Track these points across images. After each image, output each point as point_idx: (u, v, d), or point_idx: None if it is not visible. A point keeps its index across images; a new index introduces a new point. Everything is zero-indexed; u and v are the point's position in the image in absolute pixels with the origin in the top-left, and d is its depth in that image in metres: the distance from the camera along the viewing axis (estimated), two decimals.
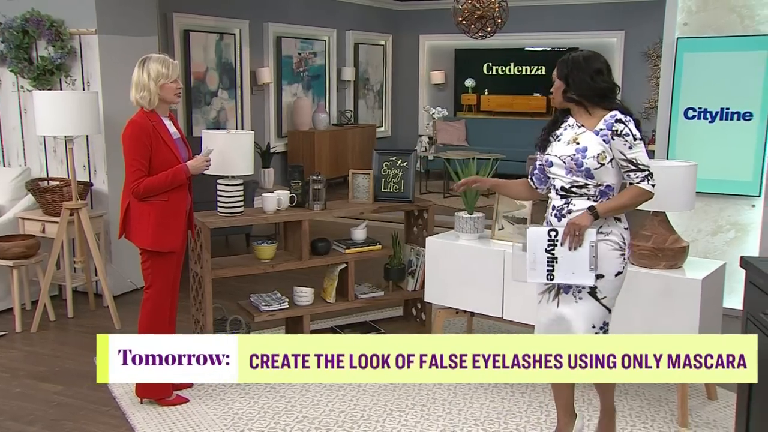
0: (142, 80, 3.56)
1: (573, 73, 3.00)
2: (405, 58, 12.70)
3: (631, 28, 10.90)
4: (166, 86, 3.59)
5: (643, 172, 2.95)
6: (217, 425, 3.61)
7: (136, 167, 3.52)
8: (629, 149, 2.94)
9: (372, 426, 3.51)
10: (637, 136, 2.97)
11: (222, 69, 8.80)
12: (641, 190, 2.96)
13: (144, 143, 3.53)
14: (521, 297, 4.02)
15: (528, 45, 11.74)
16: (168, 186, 3.59)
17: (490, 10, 9.13)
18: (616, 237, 3.03)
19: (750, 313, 2.73)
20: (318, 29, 10.59)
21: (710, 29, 5.09)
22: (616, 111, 2.99)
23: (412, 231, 4.95)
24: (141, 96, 3.57)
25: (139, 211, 3.60)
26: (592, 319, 3.03)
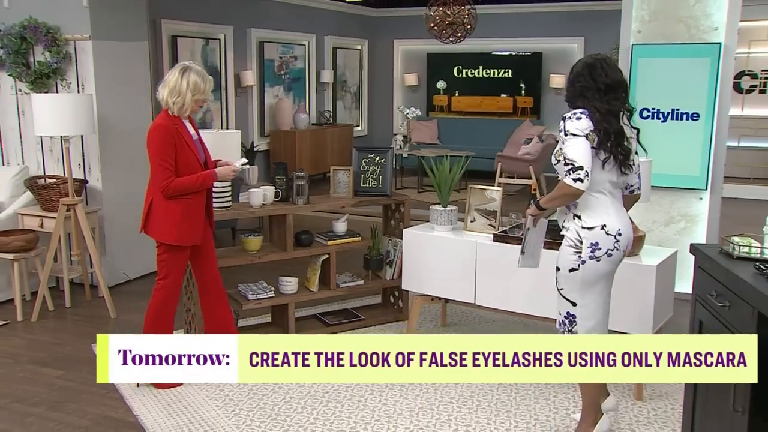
0: (179, 87, 3.57)
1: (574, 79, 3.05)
2: (380, 61, 12.74)
3: (590, 34, 11.03)
4: (199, 101, 3.67)
5: (568, 165, 2.91)
6: (210, 406, 3.65)
7: (165, 166, 3.54)
8: (562, 144, 2.98)
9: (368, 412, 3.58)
10: (569, 131, 2.92)
11: (208, 72, 8.73)
12: (563, 183, 2.93)
13: (170, 143, 3.55)
14: (492, 284, 4.11)
15: (495, 50, 11.84)
16: (197, 188, 3.63)
17: (460, 17, 9.22)
18: (572, 234, 3.04)
19: (698, 295, 2.83)
20: (298, 34, 10.59)
21: (661, 37, 5.21)
22: (572, 111, 3.00)
23: (389, 223, 5.02)
24: (174, 101, 3.58)
25: (165, 208, 3.61)
26: (558, 307, 3.16)
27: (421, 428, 3.43)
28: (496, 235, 4.15)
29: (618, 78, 3.01)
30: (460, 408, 3.63)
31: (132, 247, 5.86)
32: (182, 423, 3.48)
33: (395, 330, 4.78)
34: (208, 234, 3.87)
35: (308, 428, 3.43)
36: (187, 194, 3.62)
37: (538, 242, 3.35)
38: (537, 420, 3.52)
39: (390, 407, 3.64)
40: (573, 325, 3.12)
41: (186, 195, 3.62)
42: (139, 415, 3.56)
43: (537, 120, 11.44)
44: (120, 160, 5.71)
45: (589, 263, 3.01)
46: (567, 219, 3.09)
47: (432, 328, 4.82)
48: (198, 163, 3.69)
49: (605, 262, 3.02)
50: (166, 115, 3.62)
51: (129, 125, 5.76)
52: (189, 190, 3.61)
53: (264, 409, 3.62)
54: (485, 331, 4.74)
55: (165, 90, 3.60)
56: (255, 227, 7.54)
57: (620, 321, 3.69)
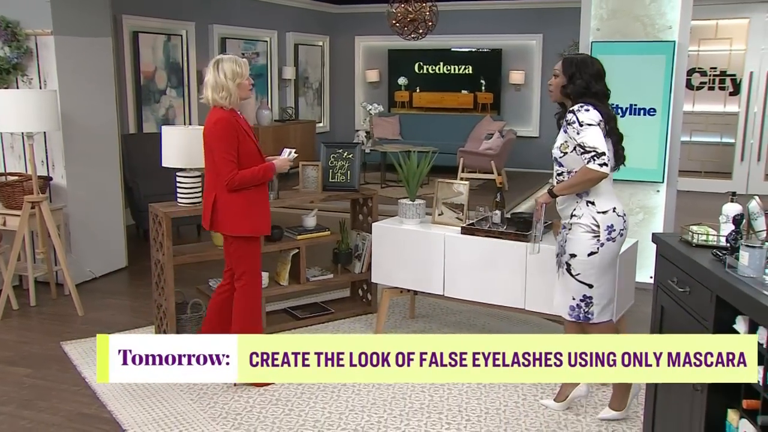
0: (220, 81, 3.55)
1: (578, 73, 3.21)
2: (341, 57, 12.76)
3: (549, 31, 11.25)
4: (242, 84, 3.61)
5: (590, 153, 3.10)
6: (185, 400, 3.66)
7: (230, 160, 3.54)
8: (578, 135, 3.15)
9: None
10: (585, 122, 3.12)
11: (170, 68, 8.69)
12: (588, 169, 3.12)
13: (233, 137, 3.56)
14: (459, 276, 4.19)
15: (456, 46, 11.96)
16: (259, 180, 3.66)
17: (422, 13, 9.30)
18: (588, 220, 3.21)
19: (660, 282, 2.96)
20: (260, 31, 10.55)
21: (619, 35, 5.36)
22: (577, 105, 3.18)
23: (357, 218, 5.07)
24: (221, 96, 3.56)
25: (232, 201, 3.62)
26: (570, 292, 3.30)
27: (394, 416, 3.49)
28: (464, 228, 4.23)
29: (601, 68, 3.29)
30: (432, 396, 3.71)
31: (97, 244, 5.81)
32: (158, 417, 3.48)
33: (364, 323, 4.84)
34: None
35: (283, 419, 3.46)
36: (250, 186, 3.64)
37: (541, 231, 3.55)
38: (506, 406, 3.61)
39: (363, 397, 3.70)
40: (590, 306, 3.27)
41: (249, 187, 3.64)
42: (113, 410, 3.56)
43: (497, 116, 11.60)
44: (85, 156, 5.64)
45: (607, 245, 3.22)
46: (578, 207, 3.23)
47: (401, 320, 4.89)
48: (259, 153, 3.72)
49: (618, 242, 3.27)
50: (223, 111, 3.59)
51: (94, 122, 5.70)
52: (252, 182, 3.63)
53: (239, 402, 3.65)
54: (453, 322, 4.84)
55: (208, 90, 3.60)
56: None
57: None
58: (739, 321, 2.37)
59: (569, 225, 3.29)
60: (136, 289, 5.61)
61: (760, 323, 2.20)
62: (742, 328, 2.34)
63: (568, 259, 3.29)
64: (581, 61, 3.27)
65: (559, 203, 3.36)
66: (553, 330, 4.68)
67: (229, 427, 3.39)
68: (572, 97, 3.26)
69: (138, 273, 6.00)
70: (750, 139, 10.05)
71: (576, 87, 3.22)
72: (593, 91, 3.22)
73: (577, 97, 3.24)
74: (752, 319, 2.28)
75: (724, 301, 2.39)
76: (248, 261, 3.74)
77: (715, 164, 10.47)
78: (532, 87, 11.59)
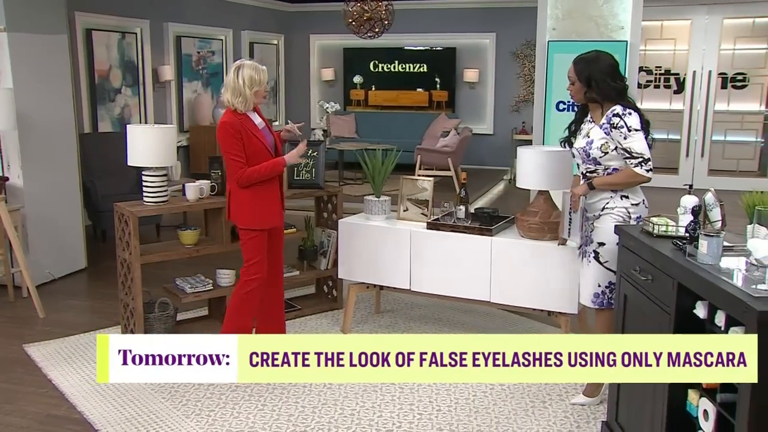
0: (238, 87, 3.71)
1: (595, 76, 3.27)
2: (296, 56, 12.73)
3: (502, 30, 11.44)
4: (259, 92, 3.78)
5: (637, 159, 3.21)
6: (156, 398, 3.65)
7: (235, 159, 3.73)
8: (624, 139, 3.22)
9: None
10: (633, 127, 3.21)
11: (125, 67, 8.56)
12: (634, 172, 3.23)
13: (237, 137, 3.72)
14: (426, 270, 4.28)
15: (410, 45, 12.06)
16: (268, 176, 3.81)
17: (378, 12, 9.36)
18: (621, 211, 3.33)
19: (623, 271, 3.09)
20: (215, 29, 10.46)
21: (574, 34, 5.52)
22: (617, 106, 3.25)
23: (321, 215, 5.11)
24: (238, 101, 3.72)
25: (241, 195, 3.83)
26: (597, 279, 3.40)
27: (366, 409, 3.55)
28: (430, 224, 4.32)
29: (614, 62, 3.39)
30: (402, 389, 3.78)
31: (56, 245, 5.72)
32: (130, 416, 3.47)
33: (331, 318, 4.88)
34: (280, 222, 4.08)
35: (257, 414, 3.49)
36: (261, 181, 3.80)
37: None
38: (475, 396, 3.71)
39: (335, 391, 3.74)
40: (614, 292, 3.35)
41: (260, 182, 3.80)
42: (84, 411, 3.53)
43: (452, 113, 11.75)
44: (42, 156, 5.54)
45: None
46: (612, 200, 3.34)
47: (367, 315, 4.95)
48: (266, 150, 3.85)
49: None
50: (230, 113, 3.78)
51: (51, 120, 5.60)
52: (261, 178, 3.79)
53: (211, 399, 3.65)
54: (418, 316, 4.92)
55: (228, 93, 3.75)
56: (179, 223, 7.45)
57: (550, 301, 3.94)
58: (699, 306, 2.50)
59: (597, 215, 3.38)
60: (97, 290, 5.54)
61: (719, 307, 2.34)
62: (701, 313, 2.48)
63: (596, 247, 3.39)
64: (592, 62, 3.33)
65: (590, 197, 3.44)
66: (516, 321, 4.81)
67: (204, 423, 3.40)
68: (602, 99, 3.32)
69: (98, 274, 5.92)
70: (694, 136, 10.42)
71: (601, 90, 3.28)
72: (618, 87, 3.28)
73: (607, 100, 3.30)
74: (711, 304, 2.42)
75: (685, 287, 2.53)
76: (252, 252, 3.90)
77: (662, 160, 10.81)
78: (486, 85, 11.77)
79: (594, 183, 3.35)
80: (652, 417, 2.78)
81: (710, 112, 10.32)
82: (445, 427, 3.37)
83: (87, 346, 4.37)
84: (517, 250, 4.01)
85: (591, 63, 3.34)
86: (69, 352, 4.28)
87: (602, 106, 3.35)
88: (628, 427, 3.05)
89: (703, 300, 2.47)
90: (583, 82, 3.34)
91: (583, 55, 3.41)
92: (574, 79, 3.37)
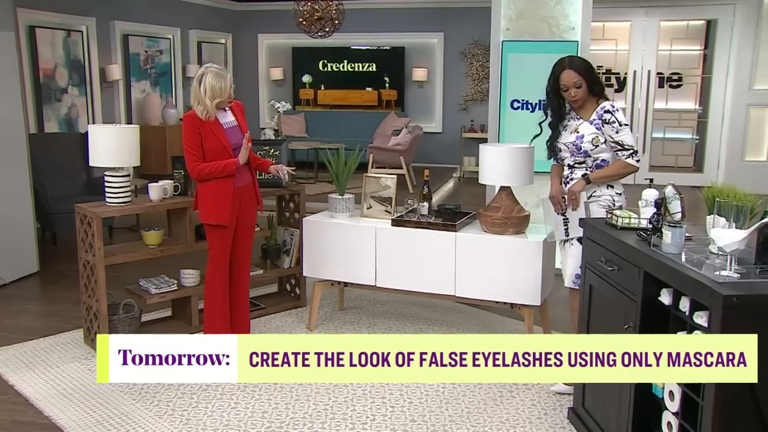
0: (199, 95, 3.80)
1: (591, 74, 3.56)
2: (245, 55, 12.63)
3: (449, 30, 11.60)
4: (221, 102, 3.86)
5: (628, 150, 3.49)
6: (126, 400, 3.61)
7: (191, 153, 3.85)
8: (616, 133, 3.50)
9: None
10: (622, 122, 3.50)
11: (71, 66, 8.36)
12: (626, 163, 3.50)
13: (195, 133, 3.84)
14: (391, 267, 4.34)
15: (359, 44, 12.11)
16: (219, 175, 3.88)
17: (328, 12, 9.39)
18: (608, 199, 3.55)
19: (588, 263, 3.21)
20: (162, 28, 10.29)
21: (527, 34, 5.67)
22: (605, 103, 3.53)
23: (284, 214, 5.12)
24: (199, 110, 3.82)
25: (201, 191, 3.95)
26: (579, 260, 3.49)
27: (339, 403, 3.59)
28: (395, 220, 4.38)
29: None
30: (373, 382, 3.82)
31: (7, 249, 5.55)
32: (101, 419, 3.42)
33: (295, 317, 4.90)
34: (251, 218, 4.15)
35: (230, 412, 3.49)
36: (212, 178, 3.87)
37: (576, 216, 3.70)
38: (444, 387, 3.79)
39: (306, 387, 3.76)
40: None
41: (212, 179, 3.88)
42: (51, 415, 3.46)
43: (401, 112, 11.86)
44: None
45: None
46: (599, 189, 3.57)
47: (330, 312, 4.99)
48: (224, 149, 3.90)
49: None
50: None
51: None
52: (213, 175, 3.87)
53: (182, 398, 3.63)
54: (381, 312, 4.98)
55: (191, 98, 3.90)
56: (131, 224, 7.33)
57: (514, 294, 4.05)
58: (663, 293, 2.64)
59: (585, 203, 3.57)
60: (53, 294, 5.41)
61: (685, 293, 2.47)
62: (666, 300, 2.62)
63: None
64: (582, 62, 3.61)
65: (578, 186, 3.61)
66: (477, 315, 4.92)
67: (178, 423, 3.39)
68: (596, 93, 3.58)
69: (52, 277, 5.78)
70: (636, 133, 10.78)
71: (598, 87, 3.57)
72: (602, 84, 3.62)
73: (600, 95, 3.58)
74: (675, 291, 2.55)
75: (651, 276, 2.66)
76: (211, 243, 4.02)
77: None
78: (434, 84, 11.92)
79: (591, 178, 3.54)
80: (619, 401, 2.91)
81: (650, 110, 10.70)
82: (418, 419, 3.44)
83: (47, 350, 4.27)
84: (481, 244, 4.11)
85: (583, 63, 3.62)
86: (29, 357, 4.19)
87: (589, 104, 3.58)
88: (595, 412, 3.18)
89: (668, 287, 2.61)
90: (589, 81, 3.56)
91: (573, 59, 3.67)
92: (581, 82, 3.55)
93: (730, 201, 2.42)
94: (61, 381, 3.84)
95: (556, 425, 3.40)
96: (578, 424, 3.32)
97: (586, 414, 3.25)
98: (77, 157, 7.12)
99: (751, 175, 9.44)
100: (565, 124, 3.68)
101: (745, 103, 10.00)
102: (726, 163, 10.23)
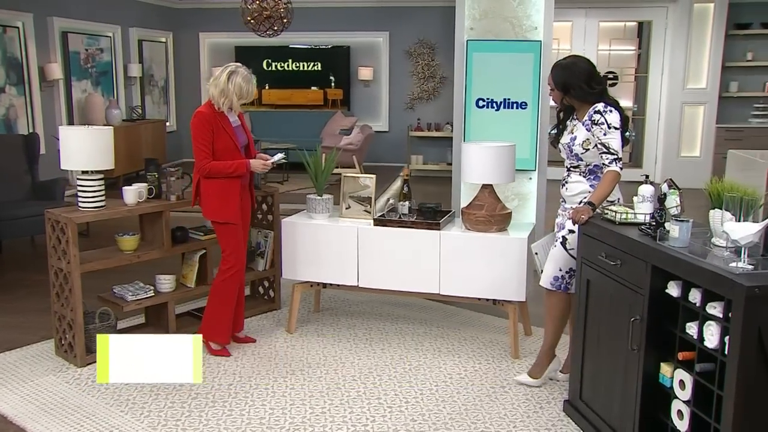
0: (227, 90, 3.87)
1: (570, 82, 3.39)
2: (186, 55, 12.31)
3: (395, 29, 11.62)
4: (244, 103, 4.00)
5: (612, 155, 3.35)
6: (112, 411, 3.46)
7: (202, 149, 3.89)
8: (604, 135, 3.36)
9: None
10: (612, 125, 3.33)
11: (8, 64, 7.95)
12: (613, 172, 3.33)
13: (207, 130, 3.90)
14: (374, 267, 4.31)
15: (304, 43, 11.99)
16: (230, 174, 3.95)
17: (277, 11, 9.25)
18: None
19: (585, 258, 3.27)
20: (102, 25, 9.92)
21: (491, 34, 5.73)
22: (599, 104, 3.39)
23: (256, 215, 5.01)
24: (222, 102, 3.88)
25: (207, 187, 3.97)
26: (559, 263, 3.51)
27: (336, 406, 3.55)
28: (377, 220, 4.35)
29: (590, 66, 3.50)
30: (365, 384, 3.80)
31: None
32: (73, 423, 3.28)
33: (271, 319, 4.81)
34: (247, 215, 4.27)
35: (227, 420, 3.39)
36: (222, 177, 3.93)
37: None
38: (437, 386, 3.79)
39: (299, 391, 3.70)
40: (572, 277, 3.49)
41: (221, 177, 3.93)
42: (21, 423, 3.29)
43: (348, 111, 11.81)
44: None
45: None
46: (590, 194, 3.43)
47: (307, 314, 4.92)
48: (236, 148, 3.99)
49: None
50: (209, 105, 3.95)
51: None
52: (223, 174, 3.93)
53: (173, 408, 3.50)
54: (358, 312, 4.94)
55: (216, 90, 3.89)
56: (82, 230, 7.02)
57: (498, 291, 4.09)
58: (671, 286, 2.71)
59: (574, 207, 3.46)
60: (8, 305, 5.12)
61: (698, 284, 2.54)
62: (675, 292, 2.69)
63: (566, 233, 3.49)
64: (567, 68, 3.45)
65: (570, 191, 3.56)
66: (454, 313, 4.95)
67: None
68: (579, 103, 3.48)
69: (4, 288, 5.48)
70: None
71: (578, 93, 3.42)
72: (596, 92, 3.42)
73: (585, 103, 3.45)
74: (684, 282, 2.63)
75: (658, 269, 2.73)
76: (225, 242, 4.06)
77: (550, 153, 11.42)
78: (380, 83, 11.92)
79: (594, 202, 3.32)
80: (623, 392, 2.97)
81: None
82: (418, 418, 3.43)
83: (16, 364, 4.05)
84: (465, 242, 4.13)
85: (566, 70, 3.47)
86: None
87: (585, 106, 3.50)
88: (594, 403, 3.24)
89: (675, 280, 2.68)
90: (559, 89, 3.49)
91: (560, 62, 3.53)
92: (552, 86, 3.52)
93: (739, 196, 2.51)
94: (39, 395, 3.65)
95: (554, 418, 3.45)
96: (576, 416, 3.38)
97: (585, 406, 3.31)
98: (20, 161, 6.77)
99: (686, 170, 9.85)
100: (567, 124, 3.65)
101: (680, 101, 10.44)
102: (663, 159, 10.65)
